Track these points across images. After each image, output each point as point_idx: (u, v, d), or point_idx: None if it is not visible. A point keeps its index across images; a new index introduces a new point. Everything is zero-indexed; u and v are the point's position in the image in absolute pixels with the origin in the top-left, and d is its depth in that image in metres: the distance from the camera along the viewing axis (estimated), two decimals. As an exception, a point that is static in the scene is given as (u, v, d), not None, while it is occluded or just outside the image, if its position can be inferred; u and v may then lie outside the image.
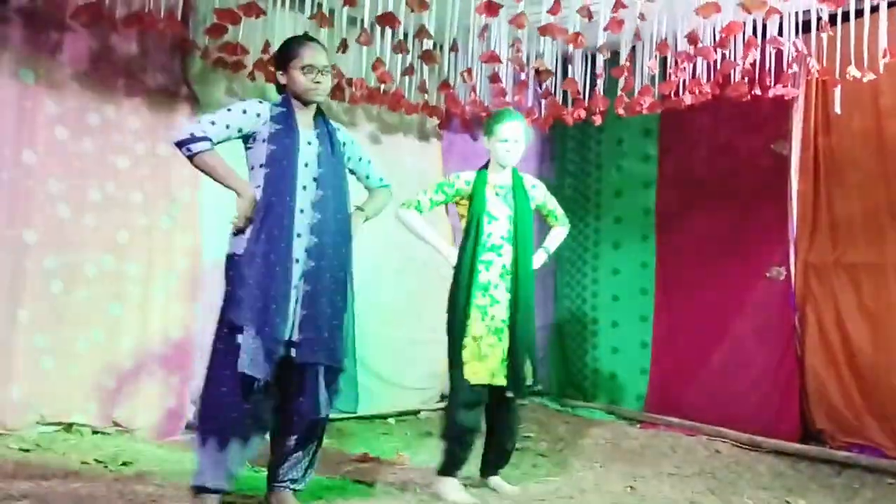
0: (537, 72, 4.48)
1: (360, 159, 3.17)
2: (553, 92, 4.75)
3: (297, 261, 2.84)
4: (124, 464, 3.61)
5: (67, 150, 4.00)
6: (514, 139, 3.48)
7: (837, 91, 3.94)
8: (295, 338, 2.82)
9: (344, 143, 3.08)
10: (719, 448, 4.71)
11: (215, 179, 2.84)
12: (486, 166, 3.57)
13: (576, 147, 6.12)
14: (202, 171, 2.83)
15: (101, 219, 4.11)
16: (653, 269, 5.64)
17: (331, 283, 2.88)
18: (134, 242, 4.22)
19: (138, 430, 4.15)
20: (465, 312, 3.40)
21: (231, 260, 2.85)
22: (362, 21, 3.83)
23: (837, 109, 4.01)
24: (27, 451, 3.64)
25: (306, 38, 3.05)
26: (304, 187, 2.87)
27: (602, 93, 4.47)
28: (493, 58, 4.29)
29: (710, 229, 5.26)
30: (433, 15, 4.03)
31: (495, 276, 3.45)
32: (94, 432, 4.01)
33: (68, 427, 3.96)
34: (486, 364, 3.38)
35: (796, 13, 3.96)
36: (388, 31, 4.13)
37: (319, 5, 3.88)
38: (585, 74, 4.54)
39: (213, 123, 2.80)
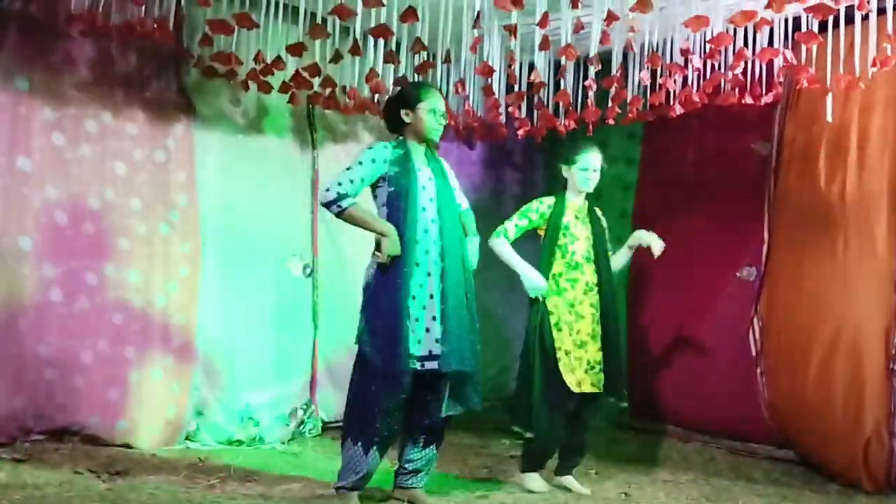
0: (530, 84, 4.40)
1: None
2: (546, 103, 4.66)
3: (428, 281, 3.10)
4: (117, 473, 3.47)
5: (65, 157, 3.85)
6: (593, 168, 3.73)
7: (829, 99, 3.83)
8: (436, 351, 3.07)
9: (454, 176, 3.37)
10: (714, 454, 4.59)
11: (363, 228, 3.14)
12: (563, 192, 3.80)
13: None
14: (350, 223, 3.13)
15: (101, 226, 3.95)
16: (625, 272, 5.49)
17: (462, 301, 3.14)
18: (134, 250, 4.05)
19: (139, 439, 3.98)
20: (558, 327, 3.63)
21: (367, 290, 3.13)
22: (355, 31, 3.76)
23: (829, 118, 3.89)
24: (21, 461, 3.49)
25: (430, 84, 3.43)
26: (433, 220, 3.15)
27: (594, 103, 4.37)
28: (486, 70, 4.20)
29: (688, 231, 5.06)
30: (426, 26, 3.95)
31: (580, 293, 3.67)
32: (87, 442, 3.85)
33: (61, 436, 3.80)
34: (575, 375, 3.60)
35: (785, 20, 3.86)
36: (381, 41, 4.04)
37: (313, 16, 3.80)
38: (577, 85, 4.44)
39: (351, 182, 3.08)
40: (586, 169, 3.72)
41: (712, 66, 4.12)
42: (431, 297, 3.10)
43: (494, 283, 5.83)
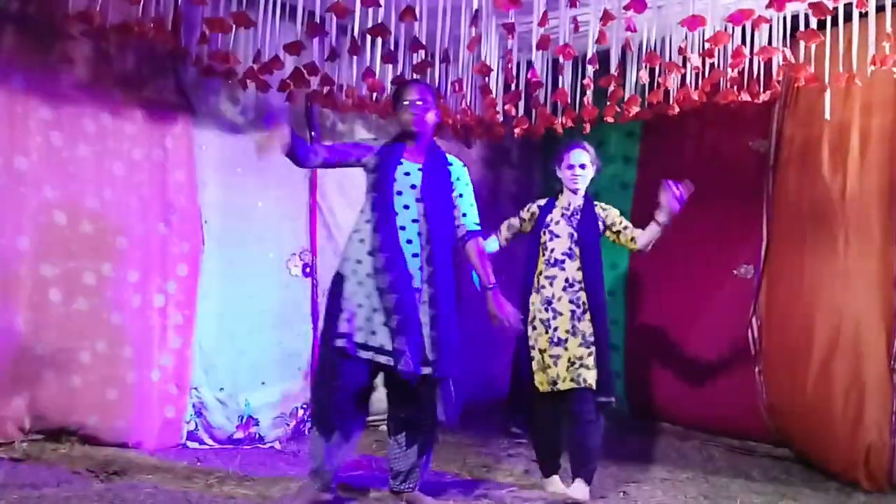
0: (528, 82, 4.38)
1: (460, 196, 3.29)
2: (544, 102, 4.64)
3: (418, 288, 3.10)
4: (115, 473, 3.45)
5: (62, 157, 3.81)
6: (579, 164, 3.69)
7: (827, 96, 3.81)
8: (388, 346, 3.03)
9: (458, 178, 3.29)
10: (713, 452, 4.58)
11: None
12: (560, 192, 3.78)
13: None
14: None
15: (99, 226, 3.92)
16: (623, 271, 5.43)
17: (444, 307, 3.10)
18: (132, 249, 4.01)
19: (137, 439, 3.95)
20: (533, 325, 3.59)
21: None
22: (352, 30, 3.74)
23: (828, 116, 3.87)
24: (18, 460, 3.47)
25: (412, 80, 3.49)
26: (414, 220, 3.12)
27: (591, 101, 4.35)
28: (484, 69, 4.18)
29: (687, 229, 5.03)
30: (424, 25, 3.92)
31: (558, 290, 3.59)
32: (85, 441, 3.81)
33: (58, 437, 3.77)
34: (548, 374, 3.53)
35: (784, 18, 3.84)
36: (379, 40, 4.02)
37: (311, 14, 3.79)
38: (575, 84, 4.42)
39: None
40: (572, 167, 3.70)
41: (711, 64, 4.10)
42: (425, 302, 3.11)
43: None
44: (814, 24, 3.61)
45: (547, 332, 3.56)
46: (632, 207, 5.45)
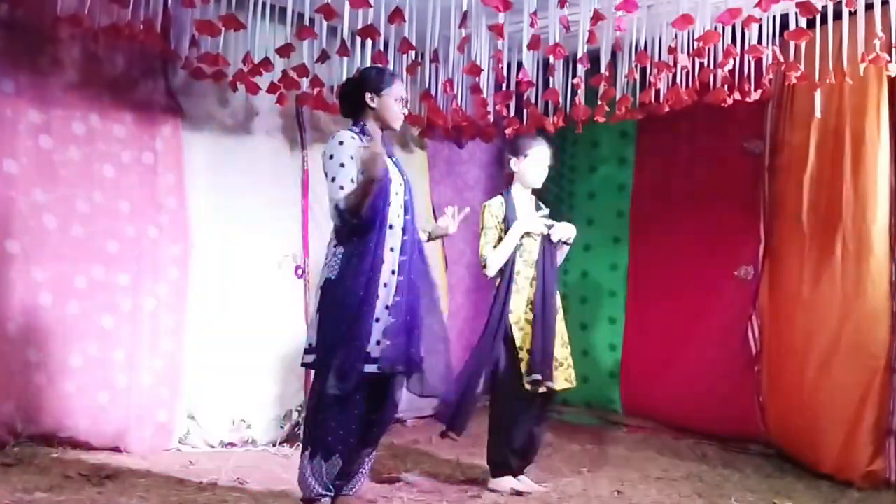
0: (518, 82, 4.40)
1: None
2: (535, 101, 4.66)
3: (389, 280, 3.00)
4: (108, 477, 3.45)
5: (52, 160, 3.82)
6: (548, 163, 3.72)
7: (818, 95, 3.84)
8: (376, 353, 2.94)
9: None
10: (706, 451, 4.61)
11: (367, 194, 2.89)
12: (509, 189, 3.71)
13: (554, 151, 6.00)
14: (362, 205, 2.90)
15: (89, 229, 3.93)
16: (623, 272, 5.47)
17: (416, 296, 3.03)
18: (123, 252, 4.03)
19: (129, 443, 3.95)
20: (519, 327, 3.60)
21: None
22: (342, 31, 3.76)
23: (818, 114, 3.91)
24: (10, 465, 3.47)
25: (393, 72, 3.39)
26: (403, 207, 3.05)
27: (583, 101, 4.38)
28: (474, 69, 4.21)
29: (685, 230, 5.08)
30: (413, 26, 3.95)
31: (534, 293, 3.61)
32: (77, 446, 3.82)
33: (50, 441, 3.78)
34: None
35: (774, 17, 3.87)
36: (369, 41, 4.04)
37: (300, 16, 3.80)
38: (566, 83, 4.45)
39: (342, 188, 2.92)
40: (541, 163, 3.70)
41: (701, 63, 4.13)
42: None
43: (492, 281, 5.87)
44: (803, 23, 3.64)
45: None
46: (630, 210, 5.49)
